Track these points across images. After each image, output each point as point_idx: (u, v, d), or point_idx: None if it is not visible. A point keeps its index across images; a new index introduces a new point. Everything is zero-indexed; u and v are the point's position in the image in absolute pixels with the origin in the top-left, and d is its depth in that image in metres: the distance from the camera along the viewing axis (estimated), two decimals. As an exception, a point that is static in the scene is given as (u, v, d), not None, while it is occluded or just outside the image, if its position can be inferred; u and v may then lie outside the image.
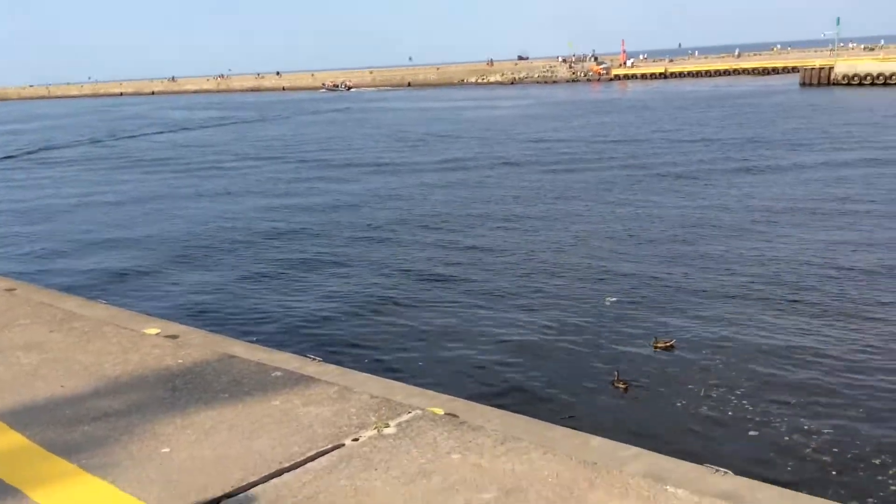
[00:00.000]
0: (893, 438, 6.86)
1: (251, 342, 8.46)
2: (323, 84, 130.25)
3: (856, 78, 62.56)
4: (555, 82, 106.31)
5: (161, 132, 44.37)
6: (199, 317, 11.20)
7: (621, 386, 8.42)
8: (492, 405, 5.53)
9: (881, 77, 60.96)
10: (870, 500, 5.90)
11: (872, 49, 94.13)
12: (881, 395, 7.68)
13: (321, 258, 14.50)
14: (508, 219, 16.86)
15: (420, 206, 18.80)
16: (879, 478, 6.27)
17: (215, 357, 5.19)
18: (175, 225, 18.10)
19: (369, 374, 6.02)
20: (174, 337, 6.07)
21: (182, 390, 4.73)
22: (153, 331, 6.09)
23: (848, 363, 8.45)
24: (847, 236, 13.93)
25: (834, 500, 4.05)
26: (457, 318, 10.75)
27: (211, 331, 8.28)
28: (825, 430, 7.04)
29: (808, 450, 6.74)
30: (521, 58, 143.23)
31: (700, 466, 4.07)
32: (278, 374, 4.83)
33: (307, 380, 4.73)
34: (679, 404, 7.81)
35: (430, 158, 26.62)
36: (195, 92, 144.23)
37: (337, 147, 31.10)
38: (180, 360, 5.22)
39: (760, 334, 9.46)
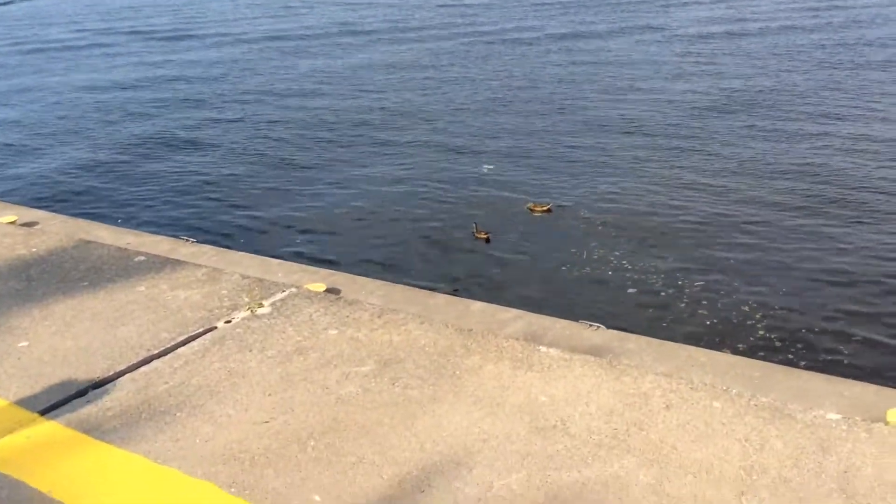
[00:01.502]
0: (763, 291, 7.27)
1: (119, 225, 8.10)
2: None
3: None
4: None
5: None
6: (69, 203, 10.58)
7: (482, 236, 8.61)
8: (375, 278, 5.51)
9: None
10: (740, 345, 6.27)
11: None
12: (754, 252, 8.08)
13: (179, 139, 13.82)
14: (378, 90, 16.48)
15: (282, 82, 18.03)
16: (748, 322, 6.66)
17: (73, 244, 4.89)
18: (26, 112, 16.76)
19: (246, 253, 5.86)
20: (32, 224, 5.71)
21: (38, 280, 4.45)
22: (8, 219, 5.69)
23: (723, 222, 8.83)
24: (704, 87, 14.37)
25: (706, 348, 4.28)
26: (334, 195, 10.56)
27: (79, 216, 7.85)
28: (697, 284, 7.40)
29: (682, 304, 7.08)
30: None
31: (575, 323, 4.20)
32: (142, 258, 4.60)
33: (174, 263, 4.54)
34: (561, 265, 8.01)
35: (284, 27, 25.40)
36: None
37: (196, 18, 29.20)
38: (34, 249, 4.90)
39: (638, 197, 9.72)
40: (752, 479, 2.70)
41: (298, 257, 8.03)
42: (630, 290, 7.40)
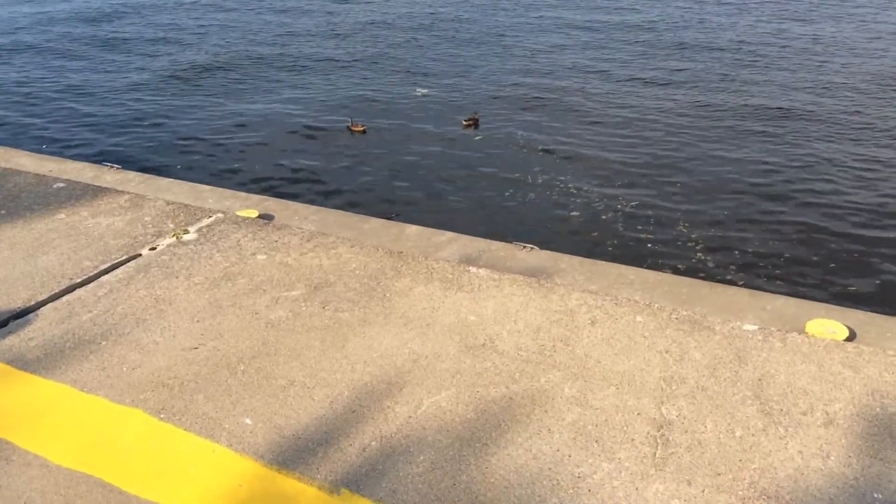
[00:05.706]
0: (702, 211, 7.38)
1: (42, 152, 7.79)
2: None
3: None
4: None
5: None
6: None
7: (358, 129, 9.08)
8: (310, 204, 5.42)
9: None
10: (679, 266, 6.39)
11: None
12: (690, 170, 8.19)
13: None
14: (317, 14, 16.03)
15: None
16: (689, 244, 6.77)
17: (-13, 172, 4.70)
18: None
19: (175, 180, 5.71)
20: (-55, 153, 5.44)
21: (-48, 211, 4.27)
22: (-81, 148, 5.42)
23: (663, 142, 8.91)
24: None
25: (646, 268, 4.34)
26: (272, 114, 10.33)
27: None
28: (630, 207, 7.48)
29: (611, 225, 7.16)
30: None
31: (510, 245, 4.22)
32: (61, 185, 4.45)
33: (95, 189, 4.39)
34: (492, 189, 8.01)
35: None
36: None
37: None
38: (-53, 178, 4.69)
39: (571, 123, 9.73)
40: (671, 389, 2.79)
41: (233, 184, 7.88)
42: (559, 212, 7.47)
